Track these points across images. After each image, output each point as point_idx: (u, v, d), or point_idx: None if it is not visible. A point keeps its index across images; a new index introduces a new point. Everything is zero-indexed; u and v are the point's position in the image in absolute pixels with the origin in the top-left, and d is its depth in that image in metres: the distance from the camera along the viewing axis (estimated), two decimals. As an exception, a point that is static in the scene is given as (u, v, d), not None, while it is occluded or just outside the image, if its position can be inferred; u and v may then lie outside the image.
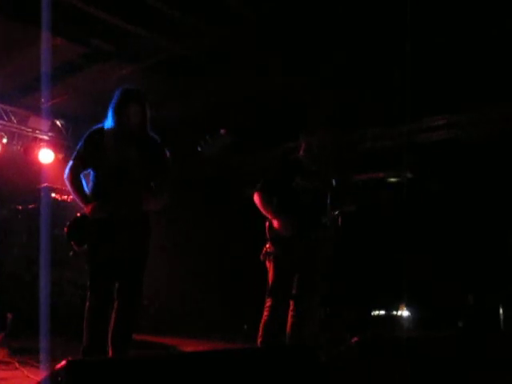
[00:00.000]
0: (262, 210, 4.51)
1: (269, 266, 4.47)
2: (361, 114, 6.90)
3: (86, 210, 3.89)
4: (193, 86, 7.34)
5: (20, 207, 7.80)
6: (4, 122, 8.38)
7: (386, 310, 6.39)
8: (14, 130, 8.57)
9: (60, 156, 8.92)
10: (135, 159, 3.95)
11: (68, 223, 3.95)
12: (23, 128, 8.63)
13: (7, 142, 8.48)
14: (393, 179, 5.65)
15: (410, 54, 5.38)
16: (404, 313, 6.27)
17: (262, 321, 4.46)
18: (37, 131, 8.74)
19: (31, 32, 6.07)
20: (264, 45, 6.22)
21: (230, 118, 7.20)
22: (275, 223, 4.40)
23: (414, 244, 5.84)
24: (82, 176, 4.04)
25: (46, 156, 8.69)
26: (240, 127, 7.25)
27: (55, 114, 8.57)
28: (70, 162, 4.06)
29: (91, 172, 4.04)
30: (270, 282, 4.45)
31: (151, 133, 4.09)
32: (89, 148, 3.99)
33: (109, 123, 3.97)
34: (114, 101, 3.98)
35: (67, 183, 4.03)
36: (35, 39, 6.12)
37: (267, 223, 4.52)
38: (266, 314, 4.43)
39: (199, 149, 3.82)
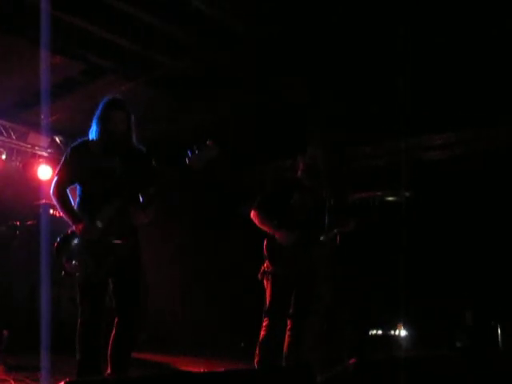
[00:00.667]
0: (260, 226, 4.52)
1: (266, 284, 4.47)
2: (359, 131, 6.92)
3: (76, 229, 3.85)
4: (192, 100, 7.38)
5: (18, 223, 7.78)
6: (3, 138, 8.39)
7: (383, 330, 6.36)
8: (13, 146, 8.58)
9: (59, 172, 8.92)
10: (121, 171, 3.92)
11: (57, 241, 3.92)
12: (22, 144, 8.64)
13: (6, 158, 8.48)
14: (391, 198, 5.64)
15: (409, 73, 5.41)
16: (402, 332, 6.25)
17: (259, 340, 4.44)
18: (36, 147, 8.75)
19: (31, 49, 6.12)
20: (261, 61, 6.27)
21: (229, 132, 7.24)
22: (277, 235, 4.40)
23: (411, 263, 5.84)
24: (68, 191, 4.01)
25: (44, 172, 8.68)
26: (239, 142, 7.32)
27: (54, 130, 8.57)
28: (56, 178, 4.00)
29: (77, 186, 3.99)
30: (268, 301, 4.44)
31: (137, 144, 4.05)
32: (73, 162, 3.93)
33: (93, 135, 3.92)
34: (98, 111, 3.94)
35: (54, 200, 3.97)
36: (35, 56, 6.16)
37: (265, 241, 4.52)
38: (263, 333, 4.43)
39: (186, 161, 3.80)
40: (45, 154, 8.86)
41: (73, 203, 3.98)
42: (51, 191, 3.98)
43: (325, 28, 5.55)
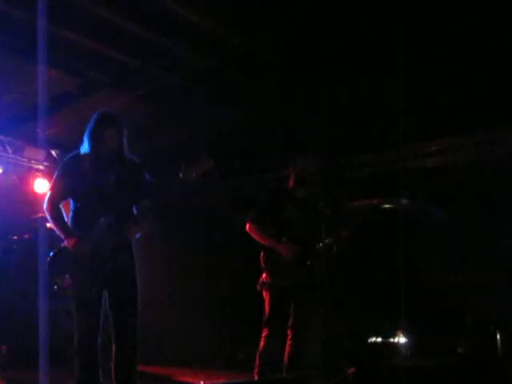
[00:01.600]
0: (258, 239, 4.56)
1: (265, 295, 4.52)
2: (353, 140, 6.94)
3: (68, 243, 3.82)
4: (189, 113, 7.40)
5: (15, 237, 7.78)
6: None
7: (382, 337, 6.36)
8: (10, 160, 8.57)
9: (55, 186, 8.93)
10: (114, 185, 3.90)
11: (50, 255, 3.91)
12: (19, 158, 8.63)
13: (3, 172, 8.47)
14: (387, 205, 5.67)
15: (403, 80, 5.44)
16: (401, 339, 6.24)
17: (259, 350, 4.46)
18: (32, 161, 8.73)
19: (27, 63, 6.14)
20: (257, 73, 6.30)
21: (226, 144, 7.26)
22: (280, 248, 4.42)
23: (410, 269, 5.84)
24: (61, 206, 3.99)
25: (41, 186, 8.67)
26: (234, 153, 7.35)
27: (51, 144, 8.58)
28: (48, 193, 4.00)
29: (71, 201, 3.98)
30: (267, 311, 4.48)
31: (129, 155, 4.03)
32: (66, 176, 3.94)
33: (85, 149, 3.91)
34: (89, 126, 3.92)
35: (47, 215, 3.97)
36: (30, 71, 6.19)
37: (262, 253, 4.57)
38: (262, 343, 4.47)
39: (180, 174, 3.78)
40: (41, 167, 8.84)
41: (66, 218, 3.97)
42: (44, 206, 3.98)
43: (320, 37, 5.58)
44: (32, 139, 8.37)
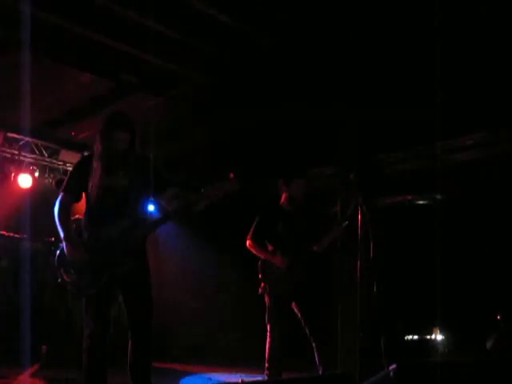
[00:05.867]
0: (257, 254, 5.03)
1: (266, 298, 4.97)
2: (387, 135, 6.89)
3: (65, 248, 3.81)
4: (217, 114, 7.43)
5: (53, 239, 7.89)
6: (35, 156, 8.54)
7: (419, 335, 6.32)
8: (46, 163, 8.73)
9: (90, 188, 9.06)
10: (125, 185, 3.86)
11: (58, 251, 3.89)
12: (54, 161, 8.79)
13: (39, 176, 8.63)
14: (422, 201, 5.63)
15: (439, 74, 5.39)
16: (438, 336, 6.19)
17: (267, 347, 4.85)
18: (67, 164, 8.88)
19: (61, 68, 6.25)
20: (283, 76, 6.31)
21: (249, 146, 7.28)
22: (274, 261, 4.91)
23: (445, 266, 5.79)
24: (71, 206, 3.97)
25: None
26: (256, 156, 7.36)
27: (86, 147, 8.72)
28: (60, 194, 3.96)
29: (86, 199, 3.93)
30: (268, 310, 4.92)
31: (140, 152, 3.98)
32: (77, 177, 3.93)
33: (96, 149, 3.87)
34: (101, 127, 3.87)
35: (55, 216, 3.92)
36: (65, 75, 6.30)
37: (259, 263, 5.01)
38: (268, 340, 4.88)
39: (202, 190, 3.73)
40: (76, 170, 8.97)
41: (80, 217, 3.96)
42: (54, 207, 3.93)
43: (354, 32, 5.57)
44: (67, 143, 8.52)
